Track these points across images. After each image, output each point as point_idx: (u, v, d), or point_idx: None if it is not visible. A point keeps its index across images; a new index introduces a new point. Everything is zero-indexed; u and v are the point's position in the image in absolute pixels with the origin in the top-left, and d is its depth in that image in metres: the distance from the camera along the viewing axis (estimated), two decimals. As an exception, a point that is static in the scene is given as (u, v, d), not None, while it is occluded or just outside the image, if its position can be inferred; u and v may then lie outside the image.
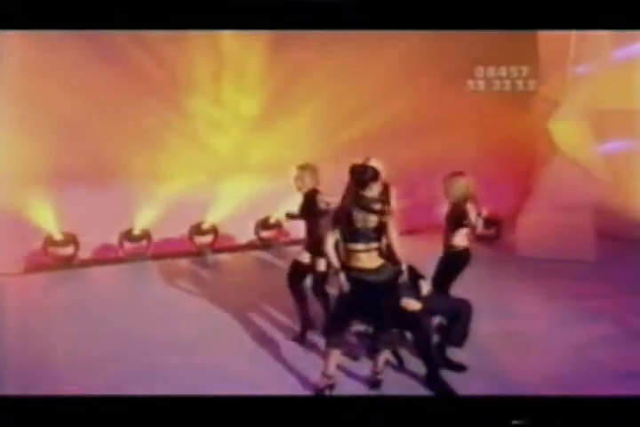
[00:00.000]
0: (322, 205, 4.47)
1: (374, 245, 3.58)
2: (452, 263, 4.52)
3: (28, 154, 6.47)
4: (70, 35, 6.16)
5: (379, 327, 3.77)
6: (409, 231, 7.23)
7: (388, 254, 3.63)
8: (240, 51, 7.23)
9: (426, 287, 4.03)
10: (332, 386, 3.76)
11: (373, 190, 3.67)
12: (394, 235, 3.56)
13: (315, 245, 4.44)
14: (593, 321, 4.97)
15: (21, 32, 5.76)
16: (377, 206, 3.56)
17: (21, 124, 6.41)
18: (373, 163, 4.53)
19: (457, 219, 4.39)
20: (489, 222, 6.94)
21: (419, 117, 7.91)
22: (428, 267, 4.46)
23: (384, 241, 3.65)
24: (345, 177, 3.89)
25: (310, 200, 4.60)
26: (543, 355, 4.45)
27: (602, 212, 6.52)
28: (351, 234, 3.58)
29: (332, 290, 4.46)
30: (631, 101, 6.47)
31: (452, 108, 7.93)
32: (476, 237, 6.98)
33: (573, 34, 6.39)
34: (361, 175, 3.61)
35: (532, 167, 7.38)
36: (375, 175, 3.64)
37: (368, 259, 3.58)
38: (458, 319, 4.10)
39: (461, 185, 4.44)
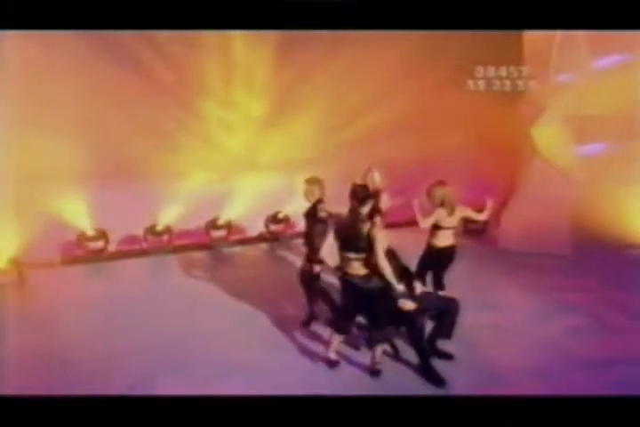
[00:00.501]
0: (322, 214, 5.04)
1: (362, 255, 4.19)
2: (433, 260, 5.21)
3: (59, 155, 6.98)
4: (87, 39, 6.61)
5: (374, 326, 4.39)
6: (406, 224, 7.76)
7: (374, 266, 4.23)
8: (248, 56, 7.61)
9: (419, 287, 4.61)
10: (335, 363, 4.53)
11: (369, 206, 4.26)
12: (380, 251, 4.15)
13: (310, 251, 5.04)
14: (570, 313, 5.54)
15: (37, 33, 6.05)
16: (368, 224, 4.17)
17: (51, 127, 6.89)
18: (376, 175, 5.10)
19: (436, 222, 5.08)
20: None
21: (418, 116, 8.31)
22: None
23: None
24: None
25: (314, 208, 5.15)
26: (522, 345, 5.04)
27: (580, 210, 6.96)
28: (346, 243, 4.23)
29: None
30: (610, 108, 6.78)
31: (452, 108, 8.25)
32: (464, 232, 7.63)
33: (556, 40, 6.74)
34: (360, 194, 4.21)
35: (518, 165, 7.83)
36: (371, 194, 4.25)
37: (359, 267, 4.22)
38: (447, 315, 4.68)
39: (441, 193, 5.04)
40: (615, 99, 6.88)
